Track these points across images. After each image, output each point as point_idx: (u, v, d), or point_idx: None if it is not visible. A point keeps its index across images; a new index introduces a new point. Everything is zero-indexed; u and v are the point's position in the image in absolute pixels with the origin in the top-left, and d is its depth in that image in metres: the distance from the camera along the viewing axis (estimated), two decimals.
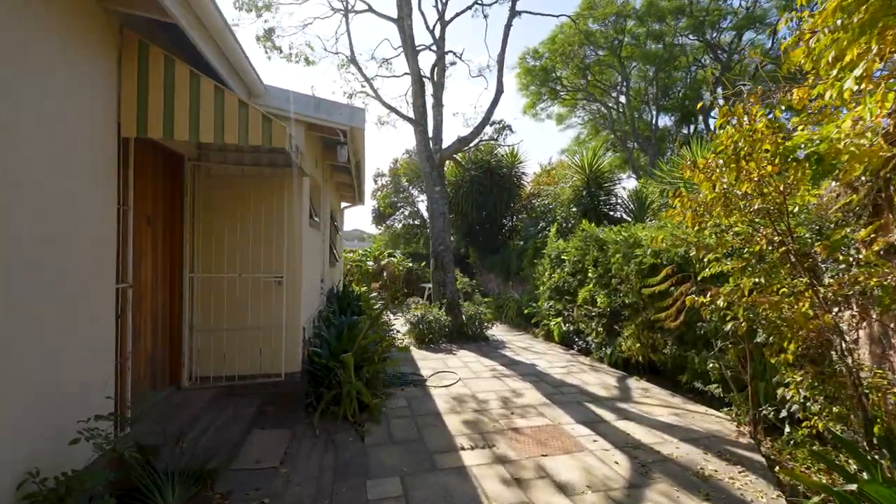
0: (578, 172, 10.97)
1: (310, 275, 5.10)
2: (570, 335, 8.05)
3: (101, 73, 2.68)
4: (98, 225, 2.63)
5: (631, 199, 10.57)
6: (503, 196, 13.72)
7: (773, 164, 2.77)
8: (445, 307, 8.78)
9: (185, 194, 4.12)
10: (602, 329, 7.03)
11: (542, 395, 5.26)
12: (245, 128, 3.04)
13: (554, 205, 11.27)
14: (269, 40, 8.84)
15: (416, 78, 9.38)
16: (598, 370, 6.51)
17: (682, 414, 4.68)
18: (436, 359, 7.02)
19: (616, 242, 6.83)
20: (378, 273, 14.31)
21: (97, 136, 2.64)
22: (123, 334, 3.08)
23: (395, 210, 19.97)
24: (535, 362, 6.92)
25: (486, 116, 9.32)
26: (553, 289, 8.61)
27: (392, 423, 4.32)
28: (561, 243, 8.80)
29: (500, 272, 12.88)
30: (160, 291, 3.85)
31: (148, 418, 3.38)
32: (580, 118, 21.58)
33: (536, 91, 18.60)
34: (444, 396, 5.18)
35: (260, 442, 3.84)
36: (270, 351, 4.43)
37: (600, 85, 18.34)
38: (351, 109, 4.58)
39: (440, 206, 9.50)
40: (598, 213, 10.23)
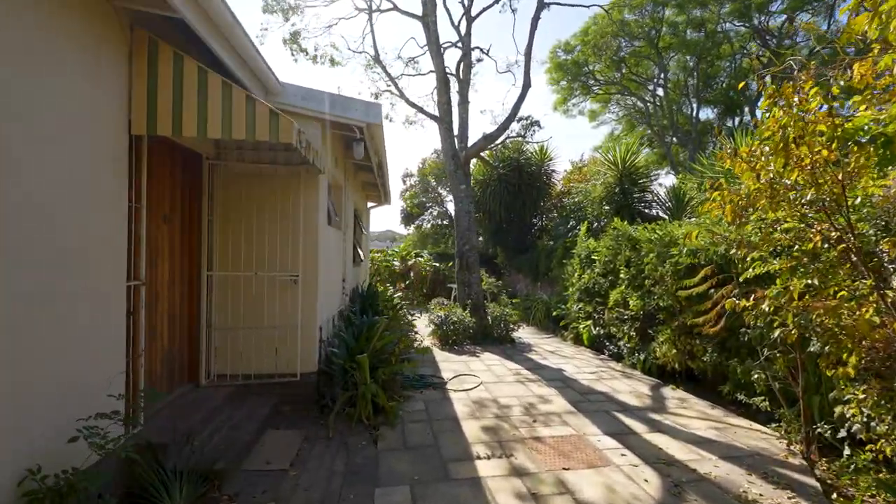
0: (611, 169, 10.49)
1: (328, 274, 5.06)
2: (600, 339, 7.66)
3: (111, 71, 2.69)
4: (106, 222, 2.63)
5: (668, 197, 9.99)
6: (532, 194, 13.36)
7: (830, 149, 2.41)
8: (470, 308, 8.58)
9: (203, 193, 4.15)
10: (635, 333, 6.62)
11: (568, 403, 4.97)
12: (252, 123, 2.97)
13: (584, 203, 10.83)
14: (295, 42, 8.97)
15: (440, 75, 9.24)
16: (629, 377, 6.12)
17: (723, 428, 4.28)
18: (458, 361, 6.84)
19: (650, 241, 6.42)
20: (405, 273, 14.29)
21: (105, 133, 2.64)
22: (136, 332, 3.09)
23: (424, 210, 19.97)
24: (561, 367, 6.61)
25: (513, 112, 9.05)
26: (582, 290, 8.23)
27: (407, 428, 4.19)
28: (591, 242, 8.41)
29: (529, 272, 12.55)
30: (178, 289, 3.88)
31: (162, 416, 3.40)
32: (614, 114, 20.77)
33: (568, 86, 18.00)
34: (463, 401, 4.99)
35: (273, 442, 3.80)
36: (286, 350, 4.40)
37: (636, 78, 17.53)
38: (366, 105, 4.49)
39: (465, 204, 9.31)
40: (632, 210, 9.73)
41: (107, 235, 2.63)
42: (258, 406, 4.12)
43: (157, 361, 3.57)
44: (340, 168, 6.20)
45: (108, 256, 2.65)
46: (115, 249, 2.71)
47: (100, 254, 2.57)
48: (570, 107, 19.31)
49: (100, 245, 2.57)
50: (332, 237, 5.46)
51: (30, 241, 2.11)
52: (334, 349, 4.95)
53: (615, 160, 10.29)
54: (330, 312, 5.42)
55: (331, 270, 5.36)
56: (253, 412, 4.00)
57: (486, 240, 15.54)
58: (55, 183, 2.26)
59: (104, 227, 2.61)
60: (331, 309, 5.44)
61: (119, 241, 2.76)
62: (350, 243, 7.51)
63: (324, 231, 4.82)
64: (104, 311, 2.60)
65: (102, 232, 2.59)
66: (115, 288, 2.71)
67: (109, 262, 2.66)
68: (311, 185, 4.49)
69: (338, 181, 6.20)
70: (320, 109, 4.39)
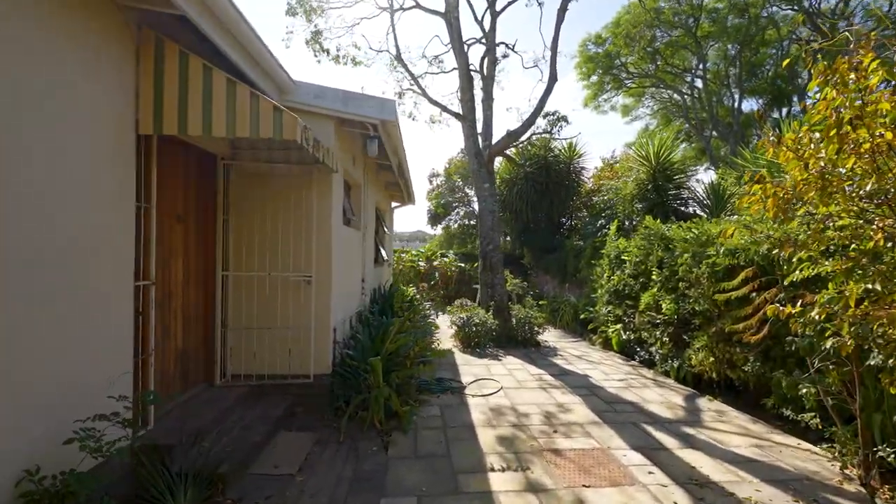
0: (643, 165, 9.97)
1: (343, 275, 4.99)
2: (630, 344, 7.25)
3: (116, 70, 2.69)
4: (109, 223, 2.63)
5: (707, 193, 9.38)
6: (560, 193, 12.95)
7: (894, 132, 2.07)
8: (493, 310, 8.36)
9: (217, 193, 4.16)
10: (668, 339, 6.20)
11: (592, 412, 4.67)
12: (257, 120, 2.91)
13: (615, 201, 10.35)
14: (317, 43, 9.03)
15: (463, 72, 9.07)
16: (662, 385, 5.73)
17: (766, 446, 3.88)
18: (479, 364, 6.64)
19: (685, 241, 5.99)
20: (430, 273, 14.19)
21: (109, 133, 2.64)
22: (145, 331, 3.10)
23: (451, 210, 19.83)
24: (588, 373, 6.28)
25: (538, 107, 8.75)
26: (612, 292, 7.84)
27: (420, 435, 4.04)
28: (622, 242, 8.00)
29: (557, 273, 12.15)
30: (193, 289, 3.90)
31: (174, 416, 3.41)
32: (649, 108, 19.88)
33: (599, 81, 17.33)
34: (481, 407, 4.80)
35: (283, 445, 3.74)
36: (299, 351, 4.35)
37: (672, 69, 16.65)
38: (380, 102, 4.38)
39: (489, 203, 9.09)
40: (666, 209, 9.20)
41: (109, 235, 2.62)
42: (271, 407, 4.09)
43: (170, 361, 3.58)
44: (359, 167, 6.14)
45: (111, 256, 2.64)
46: (118, 249, 2.70)
47: (101, 254, 2.56)
48: (601, 102, 18.60)
49: (101, 245, 2.56)
50: (348, 237, 5.39)
51: (29, 241, 2.11)
52: (350, 351, 4.87)
53: (647, 155, 9.77)
54: (347, 313, 5.36)
55: (347, 271, 5.29)
56: (265, 413, 3.96)
57: (514, 240, 15.23)
58: (54, 183, 2.25)
59: (106, 227, 2.60)
60: (347, 310, 5.38)
61: (123, 241, 2.75)
62: (371, 243, 7.47)
63: (338, 231, 4.75)
64: (105, 311, 2.59)
65: (104, 232, 2.58)
66: (118, 288, 2.71)
67: (112, 263, 2.65)
68: (323, 184, 4.43)
69: (356, 180, 6.15)
70: (333, 107, 4.32)
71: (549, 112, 10.12)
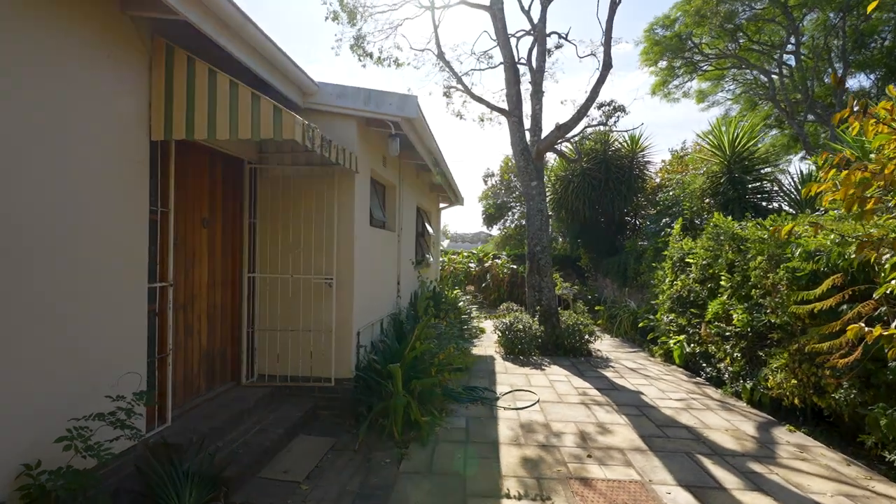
0: (716, 155, 8.85)
1: (369, 277, 4.91)
2: (695, 358, 6.41)
3: (126, 78, 2.78)
4: (120, 227, 2.72)
5: (798, 184, 8.06)
6: (621, 190, 11.96)
7: None
8: (539, 315, 7.86)
9: (244, 197, 4.26)
10: (739, 354, 5.36)
11: (638, 436, 4.12)
12: (258, 121, 2.88)
13: (682, 197, 9.31)
14: (360, 47, 9.17)
15: (508, 65, 8.68)
16: (729, 409, 4.94)
17: (862, 497, 3.12)
18: (519, 374, 6.24)
19: (760, 241, 5.14)
20: (482, 275, 13.88)
21: (121, 139, 2.73)
22: (163, 331, 3.20)
23: (506, 210, 19.34)
24: (641, 389, 5.62)
25: (591, 96, 8.08)
26: (675, 299, 7.00)
27: (439, 449, 3.80)
28: (687, 242, 7.13)
29: (617, 277, 11.24)
30: (219, 291, 4.02)
31: (193, 414, 3.50)
32: (729, 91, 17.70)
33: (668, 66, 15.76)
34: (511, 422, 4.44)
35: (299, 449, 3.71)
36: (321, 354, 4.32)
37: (757, 47, 14.65)
38: (401, 98, 4.22)
39: (537, 202, 8.60)
40: (744, 204, 8.07)
41: (120, 239, 2.71)
42: (293, 409, 4.10)
43: (194, 360, 3.70)
44: (392, 168, 6.06)
45: (122, 259, 2.73)
46: (129, 252, 2.79)
47: (111, 257, 2.64)
48: (671, 89, 16.91)
49: (112, 248, 2.65)
50: (377, 238, 5.31)
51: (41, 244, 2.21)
52: (375, 356, 4.77)
53: (719, 143, 8.65)
54: (376, 316, 5.28)
55: (375, 273, 5.21)
56: (285, 416, 3.97)
57: (570, 241, 14.42)
58: (61, 187, 2.34)
59: (118, 230, 2.69)
60: (377, 312, 5.30)
61: (135, 244, 2.84)
62: (409, 245, 7.37)
63: (363, 232, 4.68)
64: (116, 311, 2.67)
65: (115, 235, 2.67)
66: (130, 289, 2.79)
67: (123, 265, 2.74)
68: (345, 185, 4.36)
69: (389, 181, 6.07)
70: (354, 106, 4.24)
71: (603, 102, 9.36)
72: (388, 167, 5.78)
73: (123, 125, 2.75)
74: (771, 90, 15.05)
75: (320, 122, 4.36)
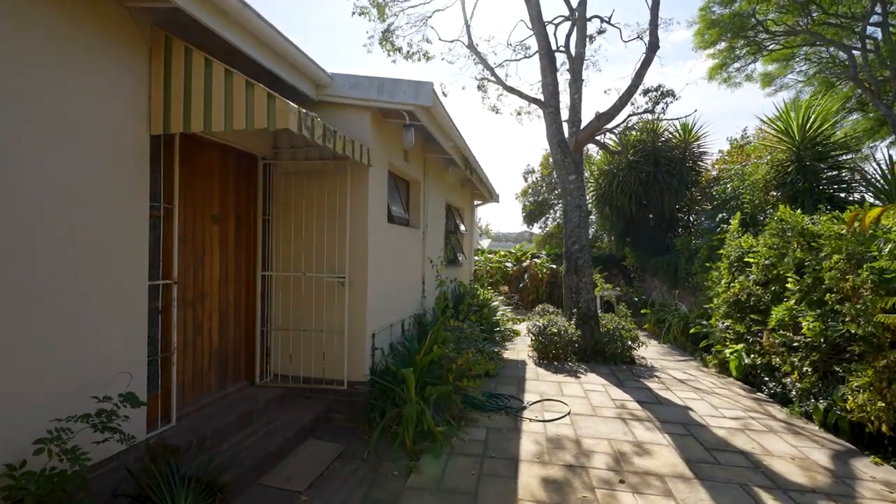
0: (782, 142, 7.86)
1: (387, 276, 4.69)
2: (755, 371, 5.66)
3: (128, 71, 2.73)
4: (119, 222, 2.66)
5: (888, 172, 6.95)
6: (671, 184, 11.02)
7: None
8: (576, 318, 7.33)
9: (257, 193, 4.19)
10: (810, 369, 4.62)
11: (682, 461, 3.59)
12: (252, 111, 2.72)
13: (741, 189, 8.36)
14: (388, 41, 9.02)
15: (543, 52, 8.18)
16: (797, 433, 4.25)
17: None
18: (551, 381, 5.79)
19: (837, 236, 4.40)
20: (519, 275, 13.38)
21: (120, 133, 2.68)
22: (167, 329, 3.15)
23: (548, 208, 18.63)
24: (689, 404, 5.00)
25: (634, 81, 7.40)
26: (731, 303, 6.24)
27: (452, 462, 3.50)
28: (746, 240, 6.34)
29: (666, 278, 10.38)
30: (232, 289, 3.96)
31: (201, 414, 3.43)
32: (801, 72, 15.90)
33: (728, 47, 14.33)
34: (537, 435, 4.06)
35: (307, 454, 3.55)
36: (333, 356, 4.17)
37: (835, 20, 12.97)
38: (415, 86, 3.95)
39: (575, 197, 8.05)
40: (817, 196, 7.08)
41: (118, 235, 2.65)
42: (304, 412, 3.96)
43: (203, 359, 3.65)
44: (416, 162, 5.83)
45: (120, 256, 2.67)
46: (128, 249, 2.73)
47: (108, 253, 2.59)
48: (731, 73, 15.36)
49: (108, 244, 2.59)
50: (397, 236, 5.10)
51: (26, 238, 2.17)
52: (393, 359, 4.56)
53: (789, 129, 7.67)
54: (395, 317, 5.06)
55: (395, 271, 4.99)
56: (296, 418, 3.84)
57: (615, 239, 13.55)
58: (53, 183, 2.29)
59: (113, 228, 2.63)
60: (395, 314, 5.08)
61: (134, 241, 2.78)
62: (438, 243, 7.12)
63: (379, 229, 4.47)
64: (112, 309, 2.61)
65: (111, 233, 2.61)
66: (128, 286, 2.73)
67: (121, 262, 2.68)
68: (358, 179, 4.17)
69: (412, 176, 5.84)
70: (368, 96, 4.04)
71: (649, 88, 8.60)
72: (410, 162, 5.55)
73: (122, 118, 2.70)
74: (852, 68, 13.27)
75: (334, 115, 4.21)
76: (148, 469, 2.68)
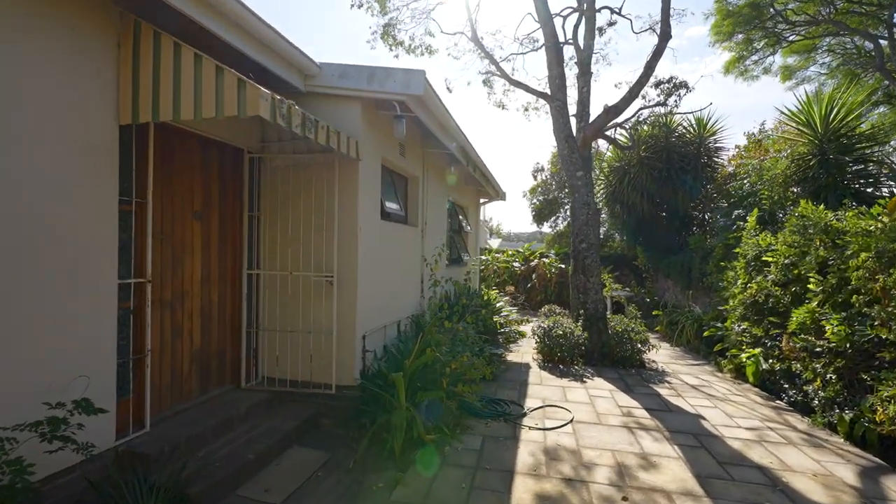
0: (804, 133, 7.44)
1: (378, 276, 4.49)
2: (774, 377, 5.31)
3: (94, 57, 2.58)
4: (85, 218, 2.52)
5: None
6: (685, 180, 10.61)
7: None
8: (583, 319, 7.04)
9: (243, 189, 4.03)
10: (835, 376, 4.28)
11: (691, 476, 3.31)
12: (221, 97, 2.54)
13: (759, 184, 7.95)
14: (390, 36, 8.81)
15: (550, 45, 7.90)
16: (819, 446, 3.92)
17: None
18: (555, 385, 5.53)
19: (865, 233, 4.06)
20: (527, 275, 13.09)
21: (85, 125, 2.53)
22: (140, 330, 3.00)
23: (559, 207, 18.25)
24: (701, 412, 4.70)
25: (645, 72, 7.07)
26: (748, 304, 5.90)
27: (442, 474, 3.28)
28: (764, 238, 5.98)
29: (680, 278, 9.98)
30: (216, 288, 3.80)
31: (178, 420, 3.28)
32: (824, 64, 15.24)
33: (745, 39, 13.76)
34: (534, 445, 3.81)
35: (289, 463, 3.38)
36: (321, 358, 3.99)
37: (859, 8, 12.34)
38: (405, 75, 3.74)
39: (583, 194, 7.75)
40: (841, 191, 6.66)
41: (81, 232, 2.51)
42: (289, 417, 3.79)
43: (183, 361, 3.50)
44: (414, 158, 5.62)
45: (84, 253, 2.52)
46: (93, 246, 2.58)
47: (68, 250, 2.44)
48: (748, 66, 14.76)
49: (69, 242, 2.44)
50: (391, 234, 4.89)
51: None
52: (387, 362, 4.37)
53: (811, 121, 7.25)
54: (389, 318, 4.87)
55: (389, 271, 4.79)
56: (281, 424, 3.67)
57: (627, 238, 13.15)
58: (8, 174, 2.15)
59: (77, 223, 2.48)
60: (390, 315, 4.88)
61: (101, 238, 2.63)
62: (438, 241, 6.90)
63: (371, 226, 4.28)
64: (77, 309, 2.47)
65: (74, 229, 2.47)
66: (94, 285, 2.58)
67: (84, 260, 2.53)
68: (347, 173, 3.99)
69: (410, 172, 5.64)
70: (357, 86, 3.85)
71: (661, 79, 8.24)
72: (408, 157, 5.35)
73: (87, 108, 2.55)
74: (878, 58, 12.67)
75: (323, 107, 4.03)
76: (112, 479, 2.52)
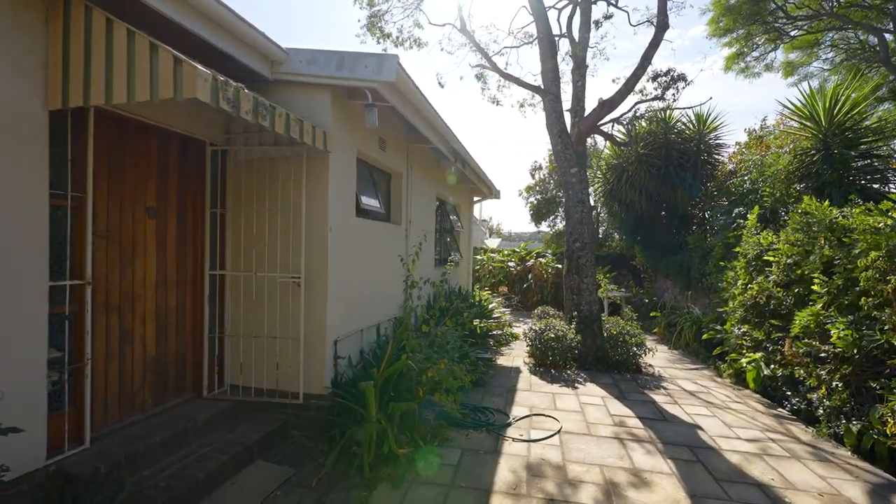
0: (807, 127, 7.15)
1: (353, 276, 4.22)
2: (776, 383, 5.02)
3: (16, 36, 2.32)
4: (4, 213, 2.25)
5: None
6: (685, 178, 10.31)
7: None
8: (577, 322, 6.76)
9: (205, 183, 3.76)
10: (841, 384, 4.00)
11: (686, 495, 3.03)
12: (156, 78, 2.28)
13: (760, 181, 7.66)
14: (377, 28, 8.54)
15: (543, 37, 7.62)
16: (825, 459, 3.63)
17: None
18: (545, 392, 5.25)
19: (874, 231, 3.78)
20: (523, 275, 12.80)
21: (6, 110, 2.27)
22: (79, 337, 2.74)
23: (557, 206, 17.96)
24: (698, 422, 4.41)
25: (641, 64, 6.77)
26: (749, 306, 5.62)
27: (412, 494, 3.01)
28: (766, 236, 5.70)
29: (679, 279, 9.70)
30: (173, 291, 3.54)
31: (122, 434, 3.01)
32: (827, 60, 14.92)
33: (745, 34, 13.46)
34: (517, 459, 3.54)
35: (246, 481, 3.10)
36: (288, 366, 3.72)
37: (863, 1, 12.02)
38: (377, 60, 3.48)
39: (577, 192, 7.48)
40: (846, 187, 6.37)
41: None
42: (253, 429, 3.52)
43: (135, 370, 3.24)
44: (397, 153, 5.35)
45: (3, 252, 2.26)
46: (15, 244, 2.32)
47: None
48: (749, 62, 14.45)
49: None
50: (369, 232, 4.63)
51: None
52: (364, 369, 4.10)
53: (812, 111, 6.96)
54: (368, 322, 4.60)
55: (364, 272, 4.52)
56: (242, 437, 3.40)
57: (625, 238, 12.86)
58: None
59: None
60: (368, 318, 4.62)
61: (26, 234, 2.36)
62: (429, 241, 6.63)
63: (344, 224, 4.01)
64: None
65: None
66: (18, 288, 2.32)
67: (5, 259, 2.27)
68: (316, 167, 3.72)
69: (392, 168, 5.37)
70: (326, 73, 3.59)
71: (659, 72, 7.96)
72: (390, 151, 5.08)
73: (8, 91, 2.29)
74: (883, 52, 12.34)
75: (291, 96, 3.77)
76: None
